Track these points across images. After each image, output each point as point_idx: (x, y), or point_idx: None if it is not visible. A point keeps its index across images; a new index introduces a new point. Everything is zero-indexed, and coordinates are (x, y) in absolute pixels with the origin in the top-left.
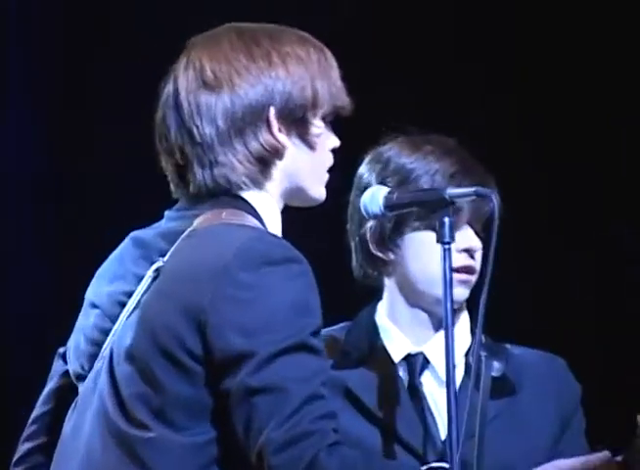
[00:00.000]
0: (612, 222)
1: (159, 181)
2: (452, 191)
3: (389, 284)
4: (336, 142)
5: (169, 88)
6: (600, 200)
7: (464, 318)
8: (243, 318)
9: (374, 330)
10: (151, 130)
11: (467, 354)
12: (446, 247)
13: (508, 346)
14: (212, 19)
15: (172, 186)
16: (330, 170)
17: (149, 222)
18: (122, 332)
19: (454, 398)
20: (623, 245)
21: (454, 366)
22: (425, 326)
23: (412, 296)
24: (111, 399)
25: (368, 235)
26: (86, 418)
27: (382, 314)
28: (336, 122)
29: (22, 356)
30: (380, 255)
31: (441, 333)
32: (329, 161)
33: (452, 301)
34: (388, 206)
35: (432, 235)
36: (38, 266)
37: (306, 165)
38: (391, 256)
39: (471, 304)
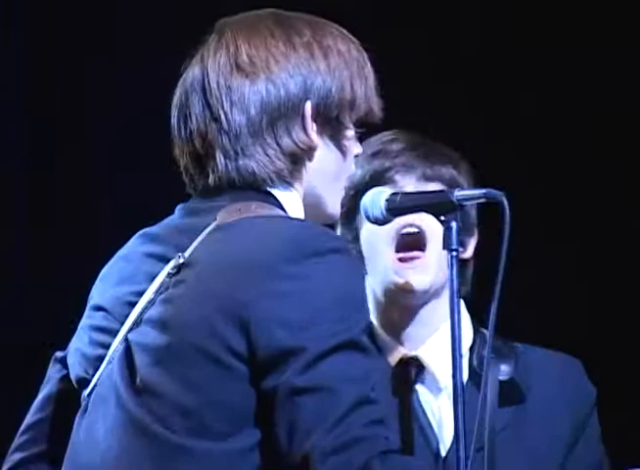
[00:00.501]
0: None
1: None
2: (460, 193)
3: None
4: (359, 149)
5: (195, 69)
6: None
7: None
8: (289, 312)
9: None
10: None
11: (471, 352)
12: (453, 254)
13: (518, 345)
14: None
15: (186, 178)
16: None
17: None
18: (141, 332)
19: (462, 418)
20: None
21: (462, 385)
22: (411, 324)
23: (379, 297)
24: (136, 406)
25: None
26: (101, 425)
27: (372, 316)
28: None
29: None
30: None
31: (438, 334)
32: (351, 168)
33: (459, 313)
34: (391, 209)
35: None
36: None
37: (332, 171)
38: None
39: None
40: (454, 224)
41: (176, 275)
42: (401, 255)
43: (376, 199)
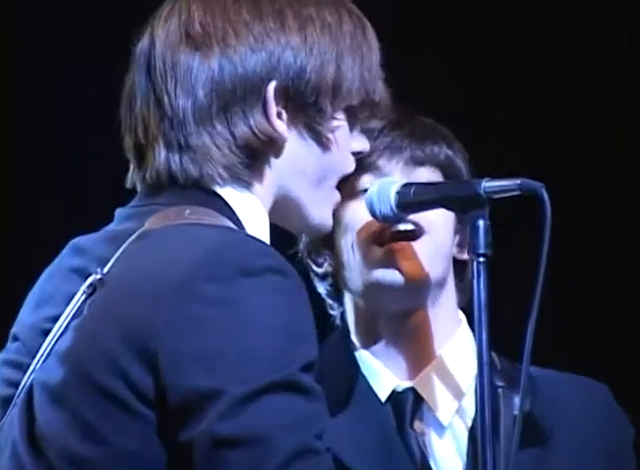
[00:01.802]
0: None
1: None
2: (489, 184)
3: (345, 297)
4: (363, 145)
5: (143, 43)
6: None
7: (449, 317)
8: (207, 345)
9: (350, 359)
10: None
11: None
12: (480, 260)
13: (532, 370)
14: None
15: (129, 175)
16: None
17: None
18: (45, 367)
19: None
20: None
21: (489, 427)
22: (404, 344)
23: (362, 308)
24: (29, 456)
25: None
26: None
27: (353, 335)
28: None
29: None
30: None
31: (440, 359)
32: (345, 167)
33: (488, 329)
34: (403, 204)
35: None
36: None
37: (312, 171)
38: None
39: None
40: (482, 223)
41: (91, 296)
42: (388, 246)
43: (384, 192)
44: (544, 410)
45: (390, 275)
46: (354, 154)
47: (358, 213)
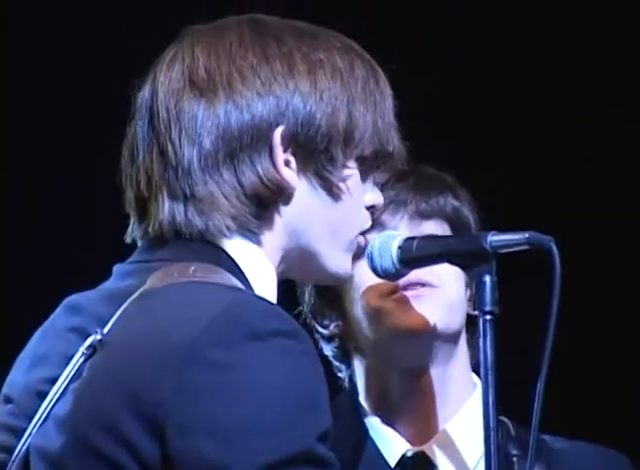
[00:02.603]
0: None
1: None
2: (496, 238)
3: (354, 358)
4: (376, 198)
5: (145, 91)
6: None
7: (463, 377)
8: (216, 415)
9: (358, 422)
10: None
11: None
12: (487, 318)
13: (547, 438)
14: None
15: (128, 230)
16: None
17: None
18: (43, 433)
19: None
20: None
21: None
22: (415, 404)
23: (373, 367)
24: None
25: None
26: None
27: (362, 397)
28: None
29: None
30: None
31: (453, 423)
32: (362, 221)
33: (495, 391)
34: (406, 259)
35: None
36: None
37: (323, 221)
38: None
39: None
40: (488, 279)
41: (91, 357)
42: (399, 296)
43: (385, 246)
44: None
45: (405, 322)
46: (368, 208)
47: (364, 272)
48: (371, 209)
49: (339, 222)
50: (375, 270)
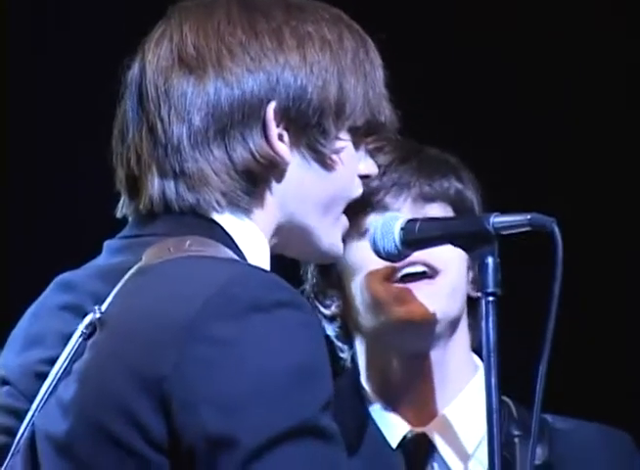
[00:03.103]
0: None
1: None
2: (498, 219)
3: (356, 339)
4: (370, 168)
5: (135, 69)
6: None
7: (464, 359)
8: (221, 388)
9: (360, 403)
10: None
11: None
12: (490, 299)
13: (549, 418)
14: None
15: (119, 206)
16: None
17: None
18: (47, 414)
19: None
20: None
21: None
22: (416, 388)
23: (374, 350)
24: None
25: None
26: None
27: (363, 378)
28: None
29: None
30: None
31: (454, 405)
32: (353, 191)
33: (497, 373)
34: (408, 241)
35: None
36: None
37: (318, 195)
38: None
39: None
40: (491, 260)
41: (91, 336)
42: (401, 285)
43: (388, 228)
44: (563, 460)
45: (404, 314)
46: (362, 177)
47: (366, 254)
48: (364, 178)
49: (331, 195)
50: (377, 252)
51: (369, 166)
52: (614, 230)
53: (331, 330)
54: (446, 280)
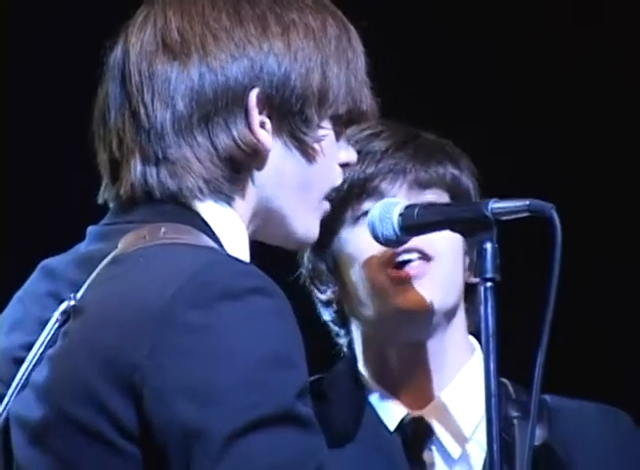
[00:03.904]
0: None
1: None
2: (497, 205)
3: (353, 325)
4: (350, 156)
5: (117, 52)
6: None
7: (461, 344)
8: (192, 376)
9: (358, 389)
10: None
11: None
12: (488, 285)
13: (548, 398)
14: None
15: (100, 191)
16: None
17: None
18: (21, 400)
19: None
20: None
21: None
22: (414, 372)
23: (371, 337)
24: None
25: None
26: None
27: (361, 364)
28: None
29: None
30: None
31: (450, 388)
32: (333, 179)
33: (496, 358)
34: (406, 226)
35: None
36: None
37: (298, 183)
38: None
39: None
40: (489, 246)
41: (66, 323)
42: (398, 272)
43: (387, 213)
44: (562, 440)
45: (402, 304)
46: (342, 165)
47: (362, 240)
48: (344, 166)
49: (311, 182)
50: (376, 237)
51: (349, 154)
52: (612, 215)
53: (327, 315)
54: (442, 268)
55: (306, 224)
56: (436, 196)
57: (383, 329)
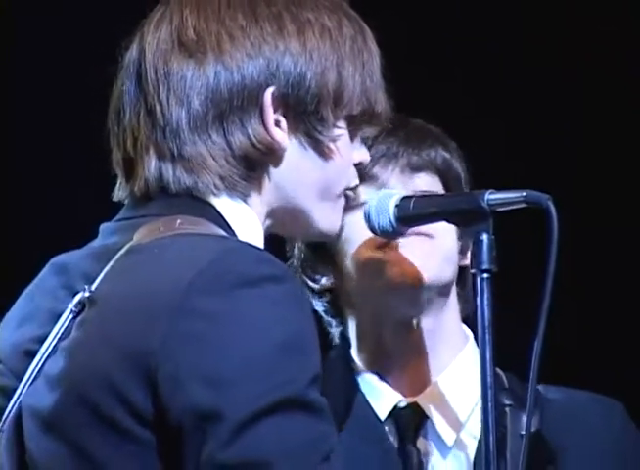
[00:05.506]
0: None
1: None
2: (493, 196)
3: (347, 312)
4: (363, 155)
5: (133, 50)
6: None
7: (454, 329)
8: (207, 362)
9: (350, 377)
10: None
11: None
12: (484, 276)
13: (540, 388)
14: None
15: (115, 190)
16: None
17: None
18: (34, 392)
19: None
20: None
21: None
22: (407, 357)
23: (367, 320)
24: None
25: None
26: None
27: (354, 352)
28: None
29: None
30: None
31: (445, 375)
32: (350, 178)
33: (492, 348)
34: (403, 217)
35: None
36: None
37: (315, 181)
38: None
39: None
40: (486, 237)
41: (80, 314)
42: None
43: (383, 204)
44: (555, 429)
45: (398, 276)
46: (355, 165)
47: (356, 228)
48: (358, 166)
49: (327, 182)
50: (372, 229)
51: (363, 155)
52: (609, 206)
53: (319, 305)
54: (438, 244)
55: (328, 219)
56: (428, 178)
57: (375, 306)
